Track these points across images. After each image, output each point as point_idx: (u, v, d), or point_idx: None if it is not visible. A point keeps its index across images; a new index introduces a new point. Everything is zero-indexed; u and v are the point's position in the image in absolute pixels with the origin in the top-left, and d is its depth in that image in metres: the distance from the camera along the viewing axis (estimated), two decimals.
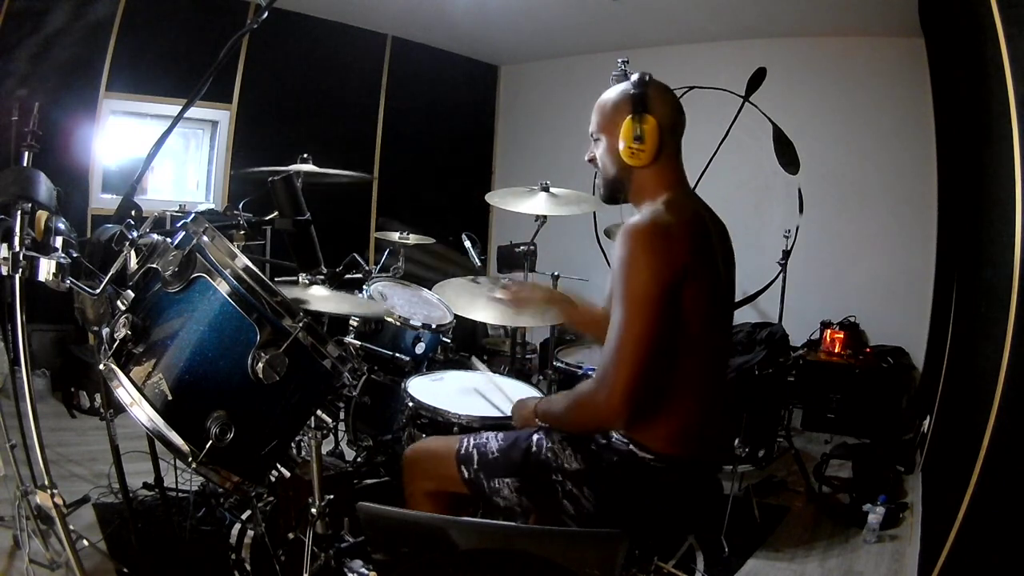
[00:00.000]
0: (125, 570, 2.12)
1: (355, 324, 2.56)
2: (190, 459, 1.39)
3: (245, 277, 1.43)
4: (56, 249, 1.77)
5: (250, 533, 2.21)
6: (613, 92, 1.62)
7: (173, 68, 4.33)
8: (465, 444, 1.69)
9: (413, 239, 3.16)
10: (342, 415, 2.52)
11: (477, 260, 3.46)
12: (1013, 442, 1.60)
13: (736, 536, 2.73)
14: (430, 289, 2.82)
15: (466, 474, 1.65)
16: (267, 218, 1.88)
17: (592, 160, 1.66)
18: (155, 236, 1.54)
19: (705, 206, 1.63)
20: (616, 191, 1.64)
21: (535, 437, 1.63)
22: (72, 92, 4.04)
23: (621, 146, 1.55)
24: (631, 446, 1.50)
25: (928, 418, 3.65)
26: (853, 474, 3.45)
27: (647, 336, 1.39)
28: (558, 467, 1.57)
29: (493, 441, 1.67)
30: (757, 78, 3.60)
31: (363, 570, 1.94)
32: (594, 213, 3.83)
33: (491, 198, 2.84)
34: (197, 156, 4.97)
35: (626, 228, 1.46)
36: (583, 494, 1.54)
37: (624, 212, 1.64)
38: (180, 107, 1.62)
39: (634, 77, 1.59)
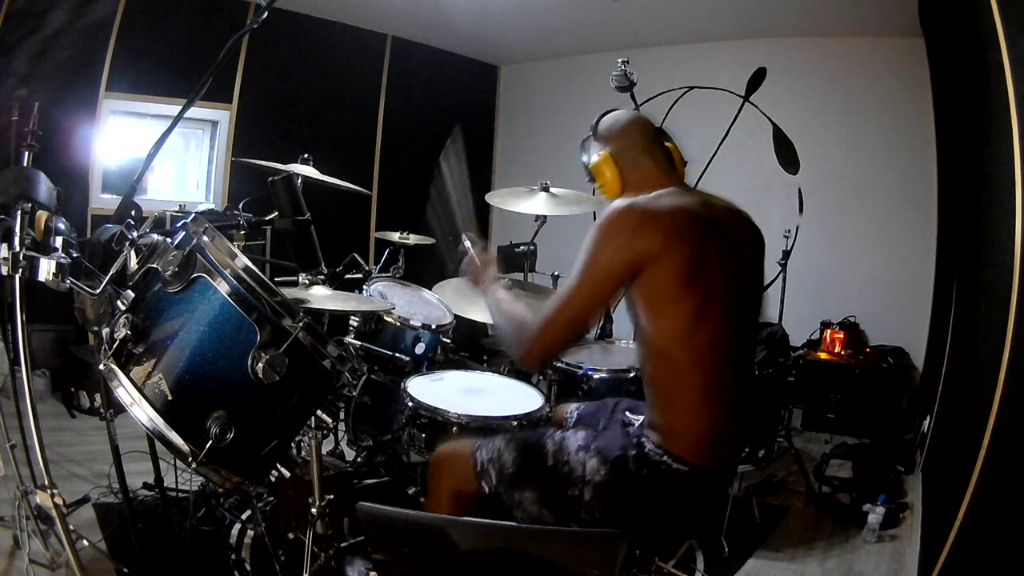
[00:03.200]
0: (125, 570, 2.12)
1: (355, 324, 2.56)
2: (190, 459, 1.39)
3: (245, 277, 1.43)
4: (56, 249, 1.77)
5: (250, 533, 2.21)
6: None
7: (173, 68, 4.33)
8: (480, 459, 1.65)
9: (413, 239, 3.16)
10: (342, 415, 2.52)
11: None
12: (1013, 442, 1.60)
13: (736, 536, 2.73)
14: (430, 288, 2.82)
15: (487, 489, 1.62)
16: (267, 218, 1.88)
17: None
18: (155, 236, 1.54)
19: (712, 203, 1.60)
20: None
21: (550, 447, 1.60)
22: (72, 92, 4.04)
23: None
24: (666, 457, 1.48)
25: (928, 418, 3.65)
26: (853, 474, 3.44)
27: (588, 311, 1.50)
28: (580, 478, 1.53)
29: (506, 453, 1.62)
30: (757, 78, 3.60)
31: (363, 568, 1.94)
32: (594, 213, 3.82)
33: (491, 198, 2.84)
34: (197, 156, 4.97)
35: (609, 207, 1.52)
36: (600, 507, 1.51)
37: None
38: (180, 107, 1.62)
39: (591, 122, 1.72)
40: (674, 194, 1.55)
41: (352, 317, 2.56)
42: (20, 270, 1.69)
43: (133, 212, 1.64)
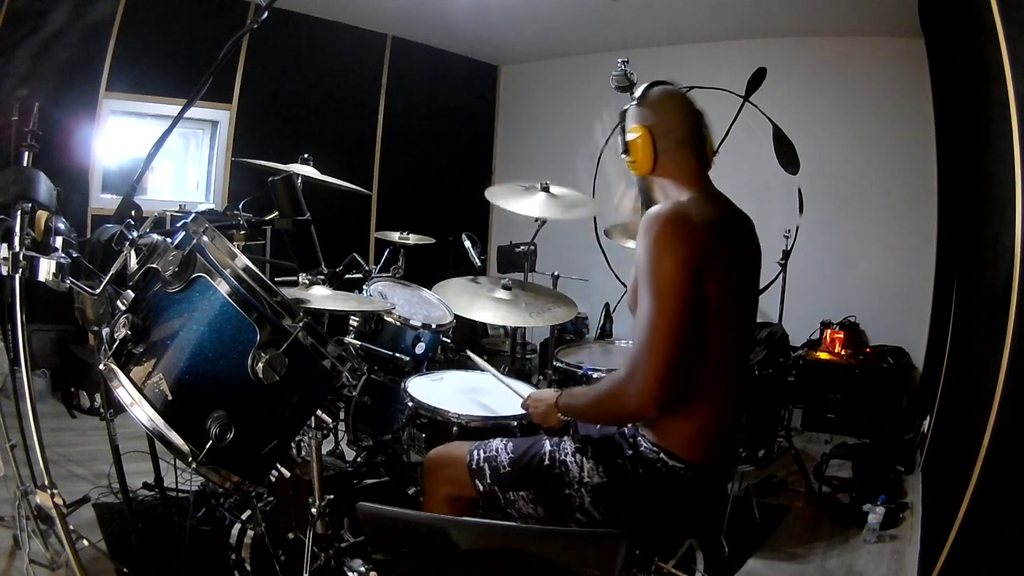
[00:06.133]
0: (125, 570, 2.12)
1: (355, 324, 2.56)
2: (190, 459, 1.39)
3: (245, 277, 1.43)
4: (56, 249, 1.77)
5: (250, 533, 2.20)
6: None
7: (173, 68, 4.33)
8: (476, 457, 1.66)
9: (413, 239, 3.16)
10: (342, 415, 2.52)
11: (477, 260, 3.46)
12: (1013, 442, 1.60)
13: (736, 536, 2.72)
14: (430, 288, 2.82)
15: (481, 487, 1.63)
16: (267, 218, 1.88)
17: None
18: (155, 236, 1.54)
19: (732, 207, 1.62)
20: (644, 201, 1.67)
21: (547, 448, 1.61)
22: (72, 92, 4.04)
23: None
24: (662, 455, 1.48)
25: (928, 418, 3.65)
26: (853, 474, 3.44)
27: (678, 320, 1.36)
28: (576, 479, 1.54)
29: (503, 453, 1.64)
30: (757, 78, 3.60)
31: (362, 568, 1.94)
32: (594, 219, 3.82)
33: (491, 195, 2.81)
34: (197, 156, 4.97)
35: (647, 216, 1.45)
36: (598, 510, 1.52)
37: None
38: (180, 107, 1.62)
39: (637, 91, 1.63)
40: (708, 199, 1.54)
41: (352, 317, 2.56)
42: (20, 270, 1.69)
43: (133, 212, 1.63)
